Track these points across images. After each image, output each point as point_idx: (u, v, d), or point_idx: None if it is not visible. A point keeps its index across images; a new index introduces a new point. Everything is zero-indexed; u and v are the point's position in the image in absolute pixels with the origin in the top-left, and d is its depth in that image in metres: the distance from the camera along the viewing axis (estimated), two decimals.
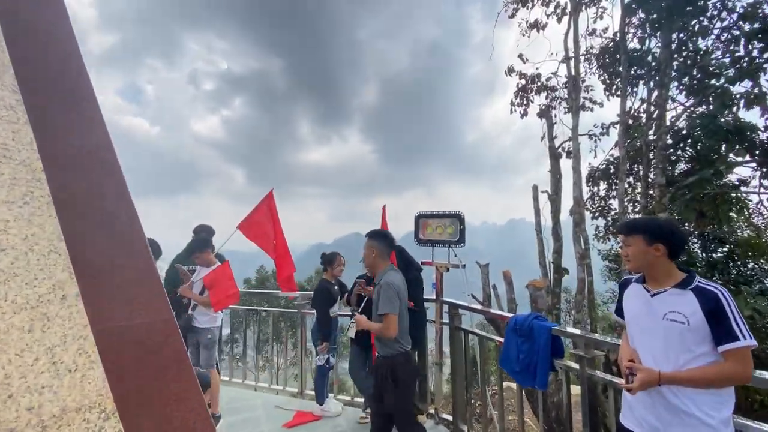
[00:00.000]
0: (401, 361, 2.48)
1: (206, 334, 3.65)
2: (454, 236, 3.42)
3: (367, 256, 2.65)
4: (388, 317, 2.39)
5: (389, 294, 2.42)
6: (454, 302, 3.34)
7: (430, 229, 3.55)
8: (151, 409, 1.66)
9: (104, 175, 1.77)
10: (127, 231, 1.77)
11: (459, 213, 3.41)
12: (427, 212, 3.58)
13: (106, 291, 1.67)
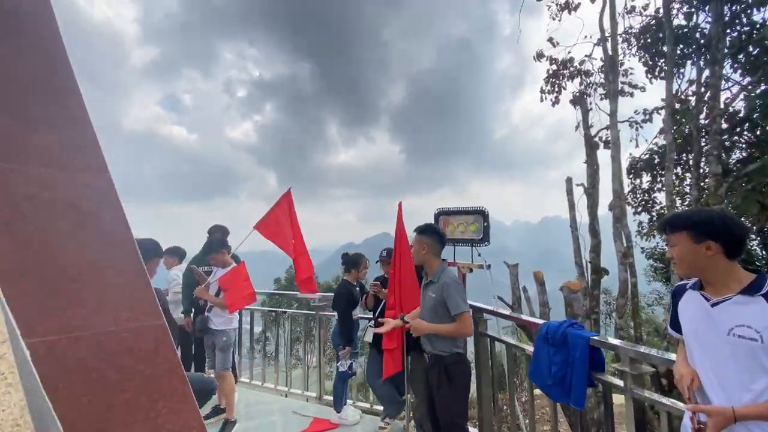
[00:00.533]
0: (457, 360, 2.40)
1: (222, 336, 3.59)
2: (478, 234, 3.16)
3: (417, 252, 2.57)
4: (464, 315, 2.35)
5: (460, 291, 2.39)
6: (477, 306, 3.08)
7: (451, 227, 3.31)
8: (141, 424, 1.53)
9: (89, 173, 1.68)
10: (112, 231, 1.66)
11: (483, 209, 3.14)
12: (449, 209, 3.33)
13: (88, 295, 1.56)
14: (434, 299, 2.43)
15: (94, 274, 1.59)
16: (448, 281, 2.41)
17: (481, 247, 3.16)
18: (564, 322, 2.20)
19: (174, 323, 4.12)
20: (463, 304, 2.38)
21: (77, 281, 1.56)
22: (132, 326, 1.70)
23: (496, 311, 2.91)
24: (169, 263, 4.26)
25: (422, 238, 2.56)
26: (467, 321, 2.39)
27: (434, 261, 2.56)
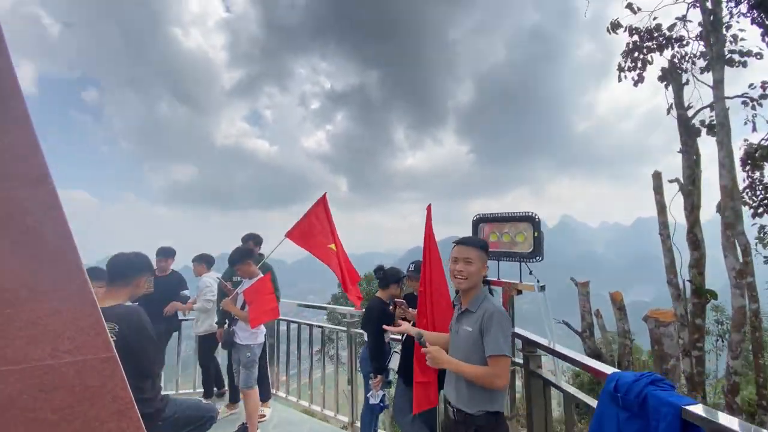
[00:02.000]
0: (492, 424, 1.85)
1: (246, 351, 3.45)
2: (527, 247, 2.56)
3: (474, 272, 1.98)
4: (502, 360, 1.79)
5: (504, 326, 1.85)
6: (527, 336, 2.48)
7: (494, 236, 2.75)
8: None
9: (30, 184, 1.53)
10: (55, 250, 1.49)
11: (532, 215, 2.54)
12: (491, 215, 2.78)
13: (23, 323, 1.39)
14: (470, 334, 1.90)
15: (32, 298, 1.43)
16: (492, 310, 1.88)
17: (533, 263, 2.55)
18: (642, 376, 1.56)
19: (159, 338, 4.10)
20: (504, 344, 1.81)
21: (11, 307, 1.40)
22: (73, 359, 1.52)
23: (551, 348, 2.29)
24: (199, 270, 4.28)
25: (482, 254, 2.03)
26: (503, 368, 1.80)
27: (480, 284, 2.06)
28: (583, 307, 3.61)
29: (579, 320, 3.57)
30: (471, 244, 2.03)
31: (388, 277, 3.27)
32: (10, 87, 1.43)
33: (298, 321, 4.21)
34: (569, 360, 2.22)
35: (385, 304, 3.24)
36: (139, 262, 2.01)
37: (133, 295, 1.99)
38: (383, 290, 3.28)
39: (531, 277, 2.57)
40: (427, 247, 2.56)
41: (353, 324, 3.76)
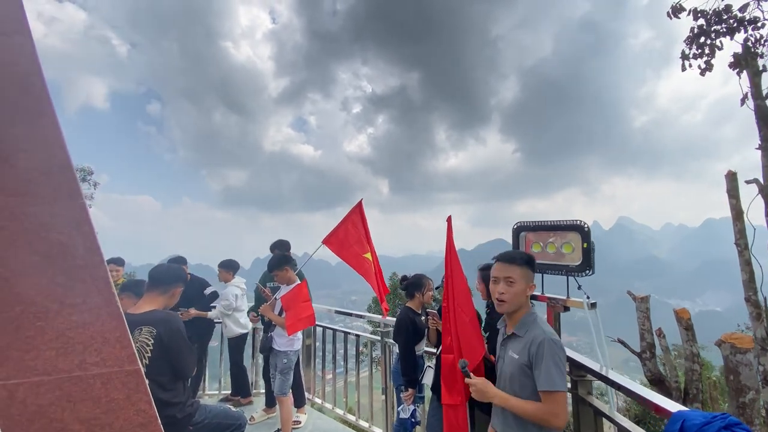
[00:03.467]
0: None
1: (282, 358, 3.47)
2: (576, 259, 2.31)
3: (518, 293, 1.78)
4: (558, 397, 1.58)
5: (558, 356, 1.63)
6: (576, 359, 2.23)
7: (537, 247, 2.52)
8: None
9: (60, 201, 1.56)
10: (84, 265, 1.51)
11: (581, 224, 2.29)
12: (532, 223, 2.55)
13: (53, 335, 1.41)
14: (517, 362, 1.72)
15: (60, 311, 1.47)
16: (541, 338, 1.66)
17: (581, 277, 2.29)
18: (715, 418, 1.30)
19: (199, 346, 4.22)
20: (559, 378, 1.59)
21: (42, 320, 1.44)
22: (100, 371, 1.53)
23: (603, 374, 2.03)
24: (224, 277, 4.35)
25: (528, 272, 1.80)
26: (560, 405, 1.58)
27: (527, 304, 1.84)
28: (642, 325, 3.22)
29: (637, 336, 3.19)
30: (513, 261, 1.81)
31: (410, 287, 3.16)
32: (42, 107, 1.49)
33: (333, 327, 4.17)
34: (625, 391, 1.95)
35: (416, 314, 3.11)
36: (177, 273, 2.05)
37: (167, 304, 2.03)
38: (411, 300, 3.15)
39: (580, 293, 2.32)
40: (449, 260, 2.39)
41: (387, 333, 3.66)
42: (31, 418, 1.42)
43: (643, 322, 3.18)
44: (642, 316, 3.17)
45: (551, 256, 2.45)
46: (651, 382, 3.36)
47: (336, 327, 4.17)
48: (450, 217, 2.51)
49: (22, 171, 1.47)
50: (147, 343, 1.80)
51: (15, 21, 1.47)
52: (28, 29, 1.50)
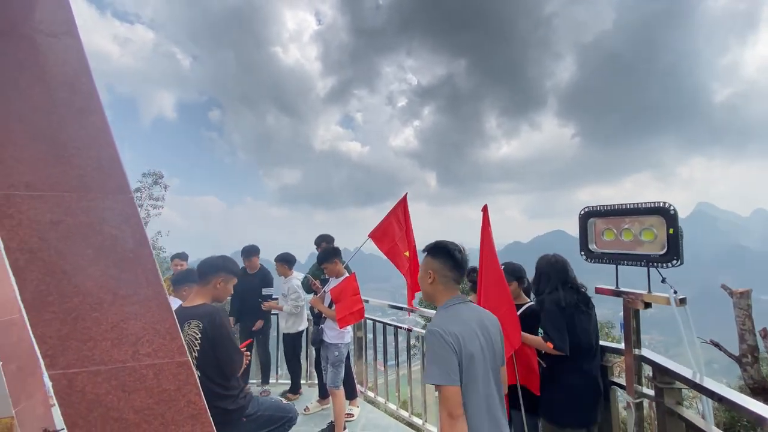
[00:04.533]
0: None
1: (334, 350, 3.46)
2: (659, 247, 1.98)
3: (419, 281, 1.72)
4: (440, 390, 1.45)
5: (432, 351, 1.47)
6: (661, 363, 1.92)
7: (610, 234, 2.21)
8: None
9: (111, 195, 1.59)
10: (134, 258, 1.53)
11: (665, 206, 1.96)
12: (604, 207, 2.24)
13: (108, 326, 1.43)
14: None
15: (114, 303, 1.50)
16: (426, 332, 1.57)
17: (666, 269, 1.97)
18: None
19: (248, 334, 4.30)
20: (431, 370, 1.43)
21: (98, 310, 1.49)
22: (152, 362, 1.56)
23: (697, 382, 1.72)
24: (282, 271, 4.36)
25: (427, 259, 1.66)
26: (443, 399, 1.42)
27: (442, 293, 1.63)
28: (743, 325, 2.72)
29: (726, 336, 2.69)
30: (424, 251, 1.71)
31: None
32: (92, 106, 1.52)
33: (383, 321, 4.10)
34: (726, 402, 1.63)
35: None
36: (216, 263, 2.07)
37: (214, 296, 2.06)
38: (474, 293, 2.95)
39: (665, 286, 1.99)
40: (484, 252, 2.19)
41: None
42: (90, 407, 1.49)
43: (744, 321, 2.69)
44: (742, 314, 2.68)
45: (627, 244, 2.13)
46: (753, 391, 2.84)
47: (386, 320, 4.09)
48: (486, 207, 2.32)
49: (76, 168, 1.53)
50: (195, 336, 1.83)
51: (63, 23, 1.52)
52: (76, 30, 1.54)
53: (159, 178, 16.00)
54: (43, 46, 1.41)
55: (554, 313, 2.23)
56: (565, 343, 2.17)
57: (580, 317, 2.26)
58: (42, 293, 1.33)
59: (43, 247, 1.35)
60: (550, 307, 2.26)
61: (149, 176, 15.82)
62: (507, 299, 2.29)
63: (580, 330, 2.24)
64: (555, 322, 2.21)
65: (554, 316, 2.23)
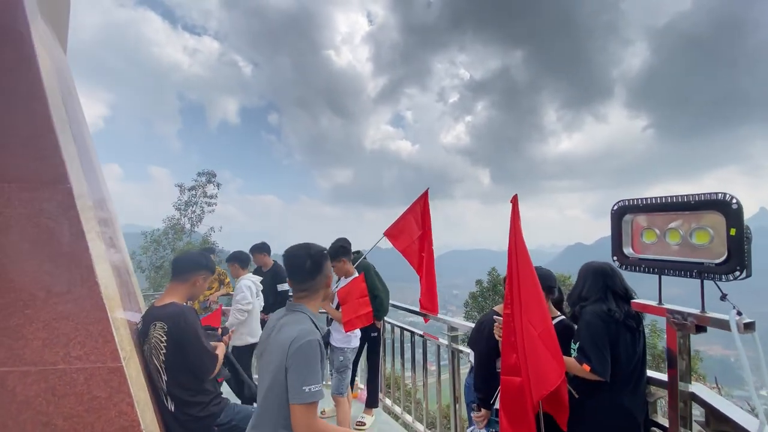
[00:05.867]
0: None
1: (339, 355, 3.30)
2: (714, 253, 1.53)
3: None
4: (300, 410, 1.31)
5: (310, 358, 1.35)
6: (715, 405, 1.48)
7: (650, 236, 1.78)
8: None
9: (49, 186, 1.50)
10: (69, 252, 1.44)
11: (724, 198, 1.50)
12: (643, 201, 1.80)
13: (39, 325, 1.35)
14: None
15: (47, 300, 1.42)
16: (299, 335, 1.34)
17: (726, 282, 1.51)
18: None
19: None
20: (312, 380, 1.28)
21: (30, 307, 1.42)
22: (83, 366, 1.46)
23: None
24: (234, 272, 3.90)
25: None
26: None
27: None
28: None
29: None
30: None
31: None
32: (35, 91, 1.47)
33: (399, 325, 3.86)
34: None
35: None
36: (197, 260, 1.98)
37: (191, 294, 1.98)
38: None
39: (725, 305, 1.54)
40: (514, 254, 1.83)
41: (455, 339, 3.19)
42: (20, 408, 1.42)
43: None
44: None
45: (674, 248, 1.69)
46: None
47: (398, 323, 3.84)
48: (516, 197, 1.94)
49: (18, 157, 1.48)
50: (161, 340, 1.75)
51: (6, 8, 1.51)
52: (24, 14, 1.52)
53: (212, 177, 17.09)
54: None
55: (596, 327, 1.82)
56: (606, 367, 1.77)
57: (626, 336, 1.84)
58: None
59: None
60: (592, 319, 1.85)
61: (203, 175, 16.96)
62: (545, 314, 1.87)
63: (625, 352, 1.82)
64: (596, 338, 1.80)
65: (595, 330, 1.82)
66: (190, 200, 16.74)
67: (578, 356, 1.84)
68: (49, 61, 1.65)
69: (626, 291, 1.93)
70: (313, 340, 1.31)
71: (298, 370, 1.26)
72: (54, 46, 1.92)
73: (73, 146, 1.61)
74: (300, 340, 1.28)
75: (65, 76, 1.97)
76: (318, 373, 1.32)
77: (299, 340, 1.28)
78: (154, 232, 16.42)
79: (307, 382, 1.26)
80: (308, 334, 1.31)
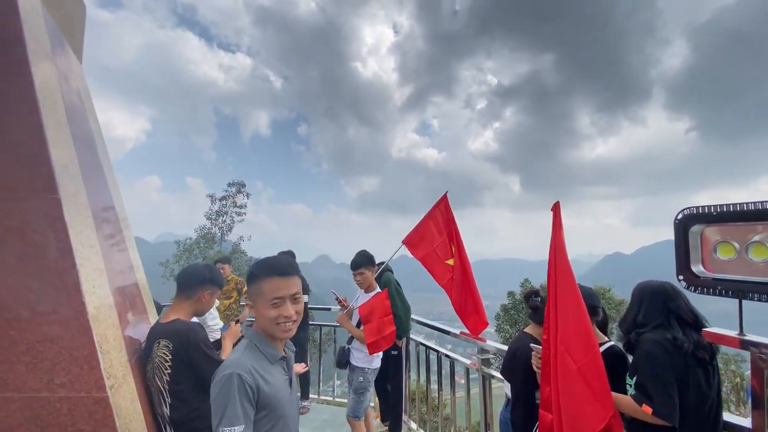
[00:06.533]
0: None
1: (359, 375, 3.10)
2: None
3: None
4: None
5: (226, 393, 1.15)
6: None
7: (726, 251, 1.48)
8: None
9: (37, 196, 1.38)
10: (54, 268, 1.31)
11: None
12: (716, 209, 1.51)
13: (23, 348, 1.22)
14: None
15: (32, 320, 1.30)
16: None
17: None
18: None
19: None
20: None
21: (14, 328, 1.31)
22: (67, 395, 1.32)
23: None
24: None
25: None
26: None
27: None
28: None
29: None
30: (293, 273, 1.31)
31: (541, 308, 2.24)
32: (25, 93, 1.39)
33: (421, 341, 3.61)
34: None
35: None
36: (202, 274, 1.86)
37: (197, 310, 1.86)
38: (538, 325, 2.22)
39: None
40: (553, 263, 1.58)
41: (487, 362, 2.91)
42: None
43: None
44: None
45: (759, 266, 1.38)
46: None
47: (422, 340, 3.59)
48: (557, 204, 1.69)
49: (7, 166, 1.43)
50: (165, 359, 1.62)
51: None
52: (17, 16, 1.46)
53: (242, 187, 17.52)
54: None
55: (659, 359, 1.52)
56: (673, 409, 1.47)
57: (696, 371, 1.53)
58: None
59: None
60: (653, 349, 1.55)
61: (233, 185, 17.43)
62: (589, 343, 1.55)
63: (696, 391, 1.52)
64: (659, 372, 1.50)
65: (658, 363, 1.52)
66: (221, 210, 17.23)
67: (636, 394, 1.54)
68: (51, 66, 1.58)
69: (695, 317, 1.63)
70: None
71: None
72: (63, 52, 1.87)
73: (70, 154, 1.52)
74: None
75: (74, 83, 1.92)
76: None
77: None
78: (186, 240, 16.98)
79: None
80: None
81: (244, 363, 1.17)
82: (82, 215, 1.45)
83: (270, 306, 1.22)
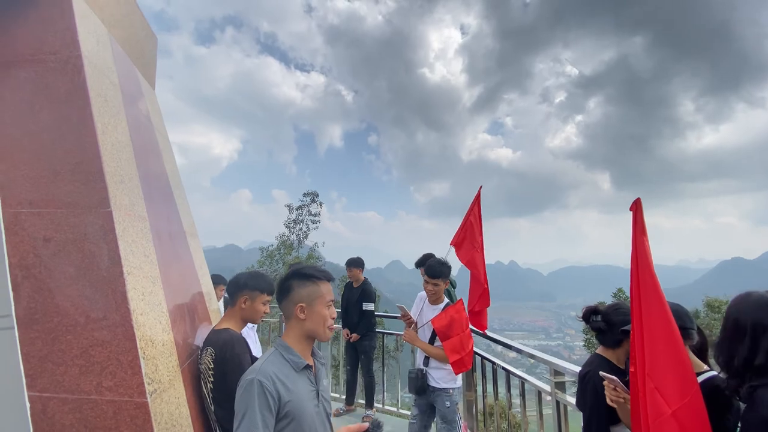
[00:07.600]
0: None
1: (444, 398, 2.76)
2: None
3: None
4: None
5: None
6: None
7: None
8: None
9: (92, 211, 1.52)
10: (106, 277, 1.41)
11: None
12: None
13: (77, 352, 1.35)
14: None
15: (86, 326, 1.40)
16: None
17: None
18: None
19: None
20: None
21: (71, 333, 1.42)
22: (112, 398, 1.39)
23: None
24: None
25: None
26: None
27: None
28: None
29: None
30: None
31: (614, 326, 1.86)
32: (83, 119, 1.52)
33: (491, 360, 3.30)
34: None
35: (617, 371, 1.85)
36: (238, 281, 1.88)
37: (243, 317, 1.88)
38: (610, 349, 1.86)
39: None
40: (636, 275, 1.26)
41: (562, 385, 2.53)
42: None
43: None
44: None
45: None
46: None
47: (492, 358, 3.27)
48: (638, 202, 1.37)
49: (69, 183, 1.54)
50: (209, 367, 1.66)
51: (61, 39, 1.61)
52: (77, 45, 1.61)
53: (315, 197, 18.57)
54: (47, 65, 1.48)
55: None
56: None
57: None
58: (31, 311, 1.34)
59: (36, 263, 1.37)
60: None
61: (308, 195, 18.53)
62: (686, 378, 1.24)
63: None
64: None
65: None
66: (298, 218, 18.41)
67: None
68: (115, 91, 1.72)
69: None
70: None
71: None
72: (131, 78, 2.05)
73: (129, 169, 1.63)
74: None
75: (142, 106, 2.10)
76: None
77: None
78: (269, 247, 18.43)
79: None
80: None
81: (267, 370, 1.20)
82: (136, 226, 1.55)
83: (326, 306, 1.34)
